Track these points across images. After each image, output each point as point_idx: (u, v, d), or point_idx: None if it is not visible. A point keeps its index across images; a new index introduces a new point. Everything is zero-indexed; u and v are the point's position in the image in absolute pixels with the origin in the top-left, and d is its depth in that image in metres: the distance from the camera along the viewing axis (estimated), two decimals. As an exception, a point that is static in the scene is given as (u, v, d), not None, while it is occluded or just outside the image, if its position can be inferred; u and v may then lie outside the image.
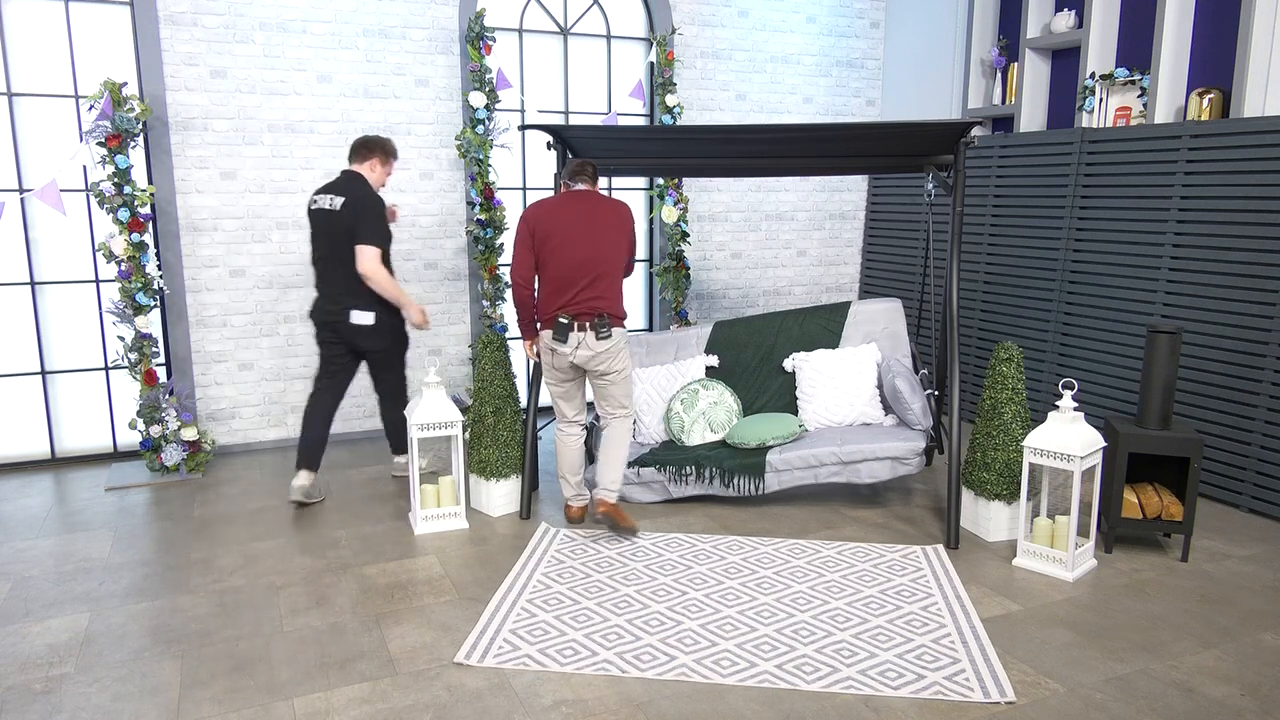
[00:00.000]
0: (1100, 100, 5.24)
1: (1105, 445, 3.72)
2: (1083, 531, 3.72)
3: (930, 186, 4.63)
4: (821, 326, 4.84)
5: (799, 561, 3.72)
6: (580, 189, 3.92)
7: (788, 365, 4.74)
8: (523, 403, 4.83)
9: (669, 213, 5.92)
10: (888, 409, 4.58)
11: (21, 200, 4.80)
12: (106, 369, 5.13)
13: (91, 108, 4.48)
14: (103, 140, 4.51)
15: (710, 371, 4.88)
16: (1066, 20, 5.41)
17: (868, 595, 3.41)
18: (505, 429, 4.22)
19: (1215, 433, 4.43)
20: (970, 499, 4.05)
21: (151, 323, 4.81)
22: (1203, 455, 4.38)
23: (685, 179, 6.18)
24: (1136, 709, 2.69)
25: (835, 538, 4.00)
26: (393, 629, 3.19)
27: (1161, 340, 3.72)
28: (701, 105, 6.28)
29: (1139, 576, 3.60)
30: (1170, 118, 4.89)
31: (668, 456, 4.35)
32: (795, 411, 4.65)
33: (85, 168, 4.90)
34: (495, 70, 5.40)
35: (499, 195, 5.52)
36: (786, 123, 4.68)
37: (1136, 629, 3.18)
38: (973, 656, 2.96)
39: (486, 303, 5.55)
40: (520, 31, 5.77)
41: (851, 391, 4.52)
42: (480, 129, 5.34)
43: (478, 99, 5.31)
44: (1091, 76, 5.23)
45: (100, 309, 5.07)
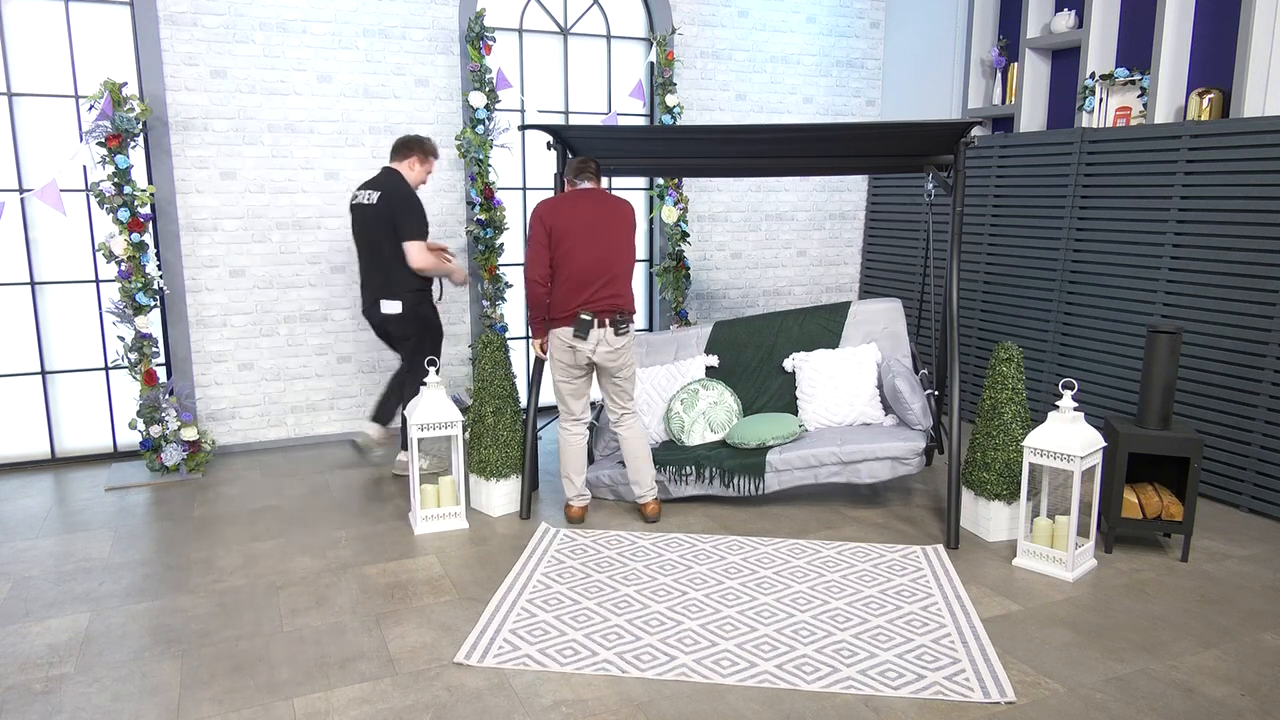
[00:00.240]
0: (1100, 100, 5.24)
1: (1105, 445, 3.72)
2: (1083, 531, 3.72)
3: (930, 186, 4.63)
4: (821, 326, 4.84)
5: (799, 561, 3.72)
6: (586, 187, 3.95)
7: (788, 365, 4.74)
8: (523, 403, 4.83)
9: (669, 213, 5.92)
10: (888, 409, 4.58)
11: (21, 200, 4.80)
12: (106, 369, 5.13)
13: (91, 108, 4.48)
14: (103, 140, 4.51)
15: (710, 371, 4.88)
16: (1066, 20, 5.41)
17: (868, 595, 3.41)
18: (505, 429, 4.22)
19: (1215, 433, 4.43)
20: (970, 499, 4.05)
21: (151, 323, 4.81)
22: (1203, 455, 4.38)
23: (685, 179, 6.18)
24: (1136, 709, 2.69)
25: (835, 538, 4.00)
26: (393, 629, 3.19)
27: (1161, 340, 3.72)
28: (701, 105, 6.28)
29: (1139, 576, 3.60)
30: (1170, 118, 4.89)
31: (668, 456, 4.35)
32: (795, 411, 4.65)
33: (85, 168, 4.90)
34: (495, 70, 5.40)
35: (499, 195, 5.52)
36: (786, 123, 4.68)
37: (1136, 629, 3.18)
38: (973, 656, 2.97)
39: (486, 303, 5.55)
40: (520, 31, 5.77)
41: (851, 391, 4.52)
42: (480, 129, 5.34)
43: (478, 99, 5.31)
44: (1091, 76, 5.23)
45: (100, 309, 5.07)
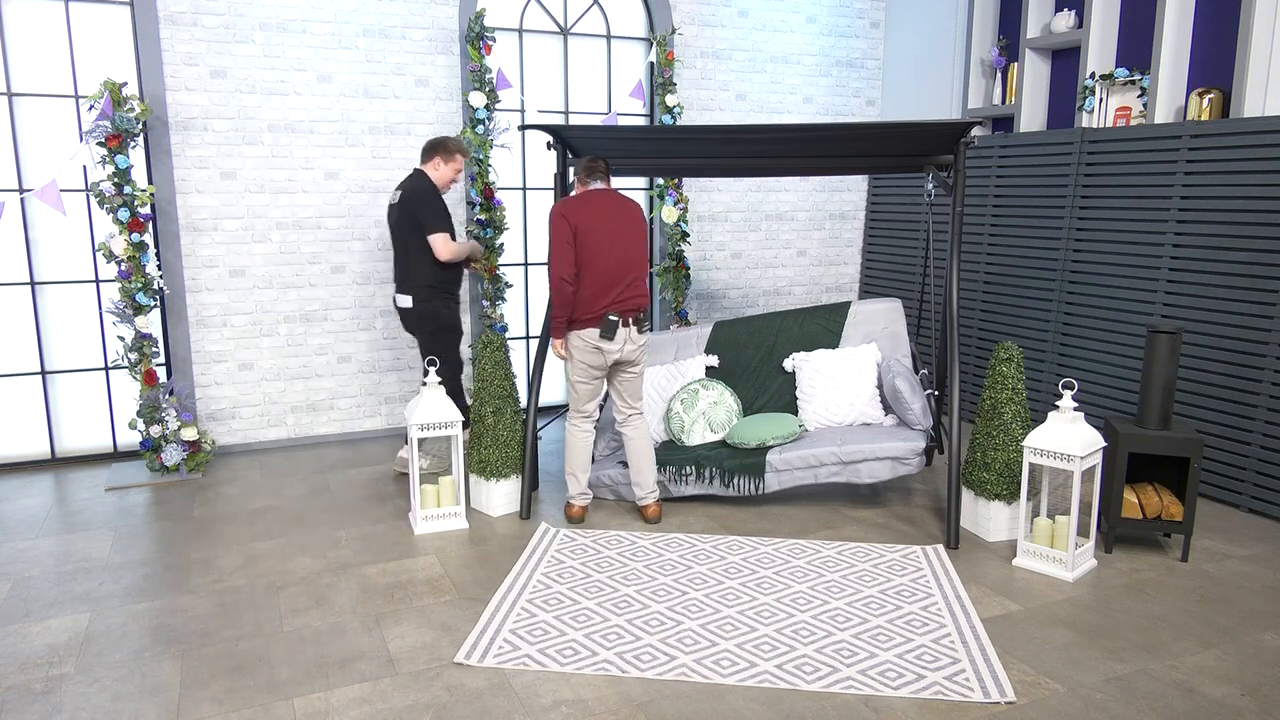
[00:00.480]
0: (1100, 100, 5.24)
1: (1105, 445, 3.72)
2: (1083, 531, 3.72)
3: (930, 186, 4.63)
4: (821, 326, 4.84)
5: (799, 561, 3.72)
6: (600, 187, 3.97)
7: (788, 365, 4.74)
8: (523, 403, 4.83)
9: (669, 213, 5.92)
10: (888, 409, 4.58)
11: (21, 200, 4.80)
12: (106, 369, 5.13)
13: (91, 108, 4.48)
14: (103, 140, 4.51)
15: (710, 371, 4.88)
16: (1066, 20, 5.41)
17: (868, 595, 3.41)
18: (505, 429, 4.22)
19: (1215, 433, 4.43)
20: (970, 499, 4.05)
21: (151, 323, 4.81)
22: (1203, 455, 4.38)
23: (685, 179, 6.18)
24: (1136, 709, 2.69)
25: (835, 538, 4.00)
26: (393, 629, 3.19)
27: (1161, 340, 3.72)
28: (701, 105, 6.27)
29: (1139, 576, 3.60)
30: (1170, 118, 4.89)
31: (668, 456, 4.35)
32: (795, 411, 4.65)
33: (85, 168, 4.90)
34: (495, 70, 5.40)
35: (499, 195, 5.52)
36: (786, 123, 4.68)
37: (1136, 629, 3.18)
38: (973, 656, 2.96)
39: (486, 303, 5.55)
40: (520, 31, 5.77)
41: (851, 391, 4.52)
42: (480, 129, 5.34)
43: (478, 99, 5.31)
44: (1091, 76, 5.23)
45: (100, 309, 5.07)
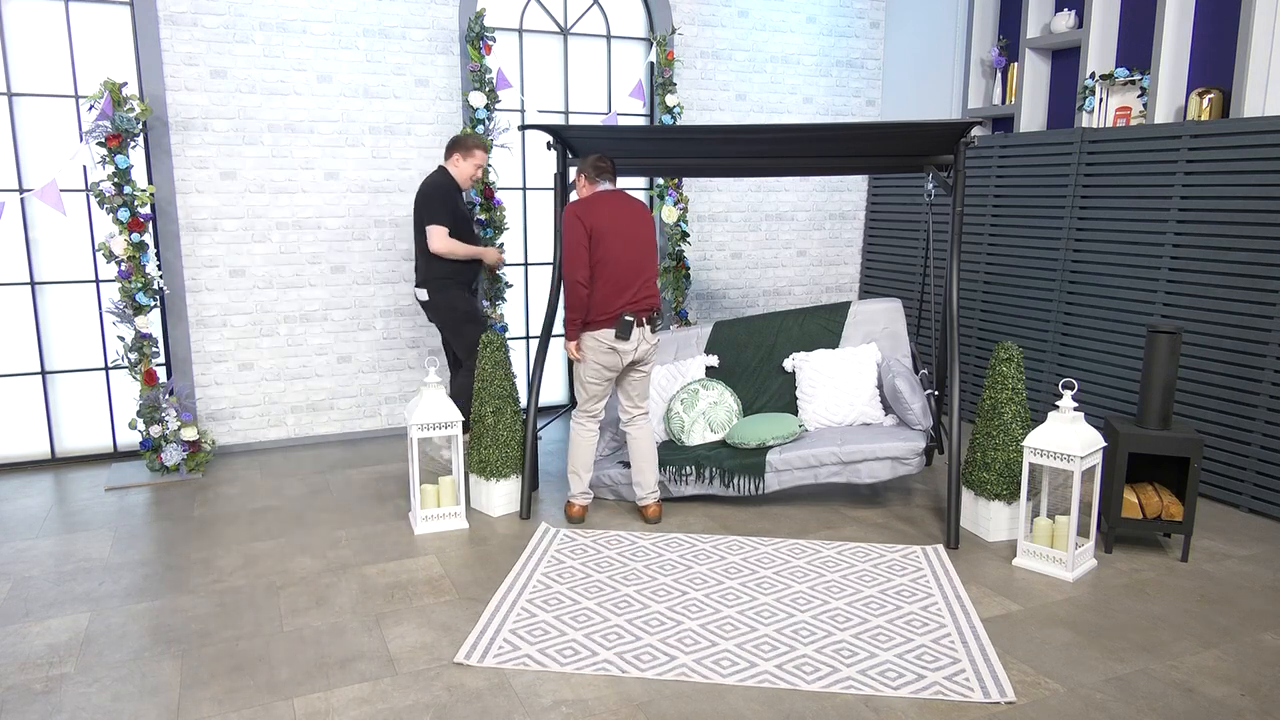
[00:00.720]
0: (1100, 100, 5.24)
1: (1105, 445, 3.72)
2: (1083, 531, 3.72)
3: (930, 186, 4.63)
4: (821, 326, 4.84)
5: (799, 561, 3.72)
6: (609, 188, 3.98)
7: (788, 365, 4.74)
8: (523, 403, 4.83)
9: (669, 213, 5.92)
10: (888, 409, 4.58)
11: (21, 200, 4.80)
12: (106, 369, 5.13)
13: (91, 108, 4.48)
14: (103, 140, 4.51)
15: (710, 371, 4.88)
16: (1066, 20, 5.41)
17: (868, 595, 3.41)
18: (505, 429, 4.22)
19: (1215, 433, 4.43)
20: (970, 499, 4.05)
21: (151, 323, 4.80)
22: (1203, 455, 4.38)
23: (685, 179, 6.17)
24: (1136, 709, 2.69)
25: (835, 538, 4.00)
26: (393, 629, 3.19)
27: (1161, 340, 3.72)
28: (701, 105, 6.27)
29: (1139, 576, 3.60)
30: (1170, 118, 4.89)
31: (668, 456, 4.35)
32: (795, 411, 4.65)
33: (85, 168, 4.90)
34: (495, 70, 5.40)
35: (499, 195, 5.51)
36: (786, 123, 4.68)
37: (1136, 629, 3.18)
38: (973, 656, 2.96)
39: (486, 303, 5.55)
40: (520, 31, 5.77)
41: (851, 391, 4.52)
42: (480, 129, 5.34)
43: (478, 99, 5.31)
44: (1091, 76, 5.23)
45: (100, 309, 5.07)
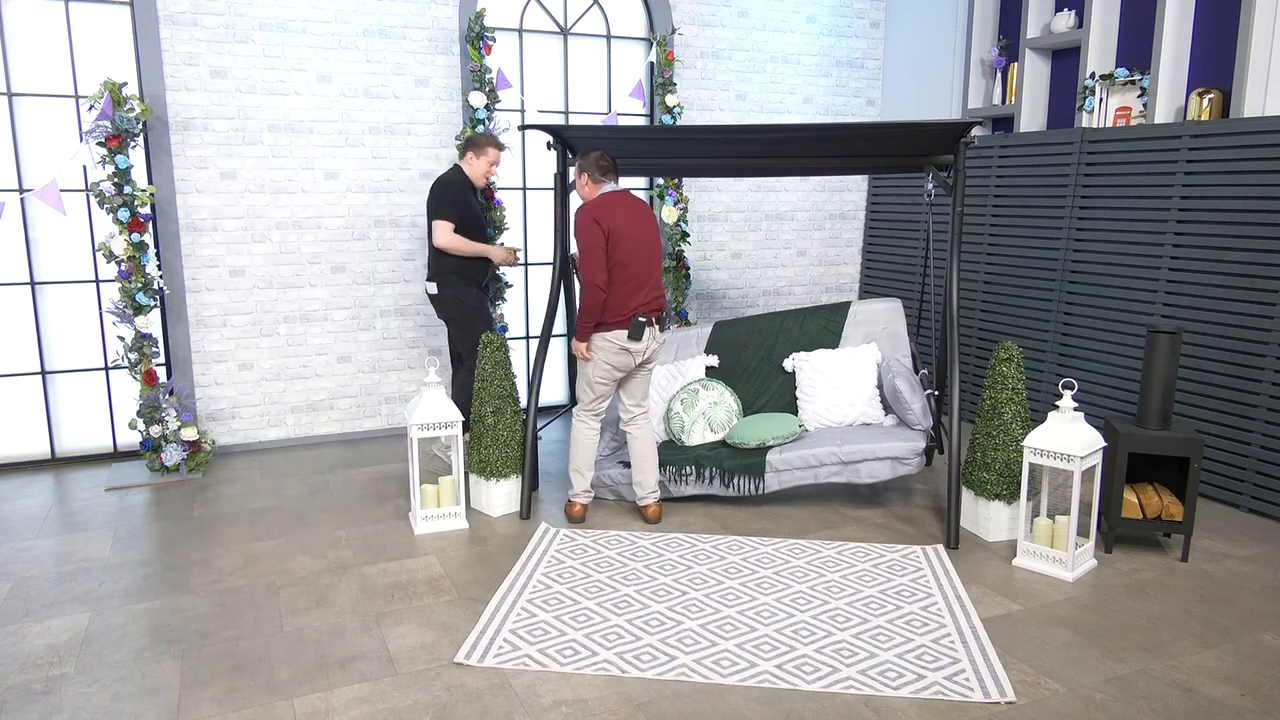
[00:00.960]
0: (1100, 100, 5.24)
1: (1105, 445, 3.72)
2: (1083, 531, 3.72)
3: (930, 186, 4.63)
4: (821, 326, 4.84)
5: (799, 561, 3.72)
6: (615, 189, 3.98)
7: (788, 365, 4.74)
8: (523, 403, 4.83)
9: (669, 213, 5.92)
10: (888, 409, 4.58)
11: (21, 200, 4.80)
12: (106, 369, 5.13)
13: (91, 108, 4.48)
14: (103, 140, 4.51)
15: (710, 371, 4.88)
16: (1066, 20, 5.41)
17: (868, 595, 3.41)
18: (505, 429, 4.22)
19: (1215, 433, 4.43)
20: (970, 499, 4.05)
21: (151, 323, 4.80)
22: (1203, 455, 4.37)
23: (685, 179, 6.17)
24: (1136, 709, 2.69)
25: (835, 538, 4.00)
26: (393, 629, 3.19)
27: (1161, 340, 3.72)
28: (701, 105, 6.27)
29: (1139, 576, 3.60)
30: (1170, 118, 4.89)
31: (668, 456, 4.35)
32: (795, 411, 4.65)
33: (85, 168, 4.90)
34: (495, 70, 5.40)
35: (499, 195, 5.51)
36: (786, 123, 4.68)
37: (1136, 629, 3.18)
38: (973, 656, 2.96)
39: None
40: (520, 31, 5.77)
41: (851, 391, 4.52)
42: (480, 129, 5.34)
43: (478, 99, 5.31)
44: (1091, 76, 5.23)
45: (100, 309, 5.07)
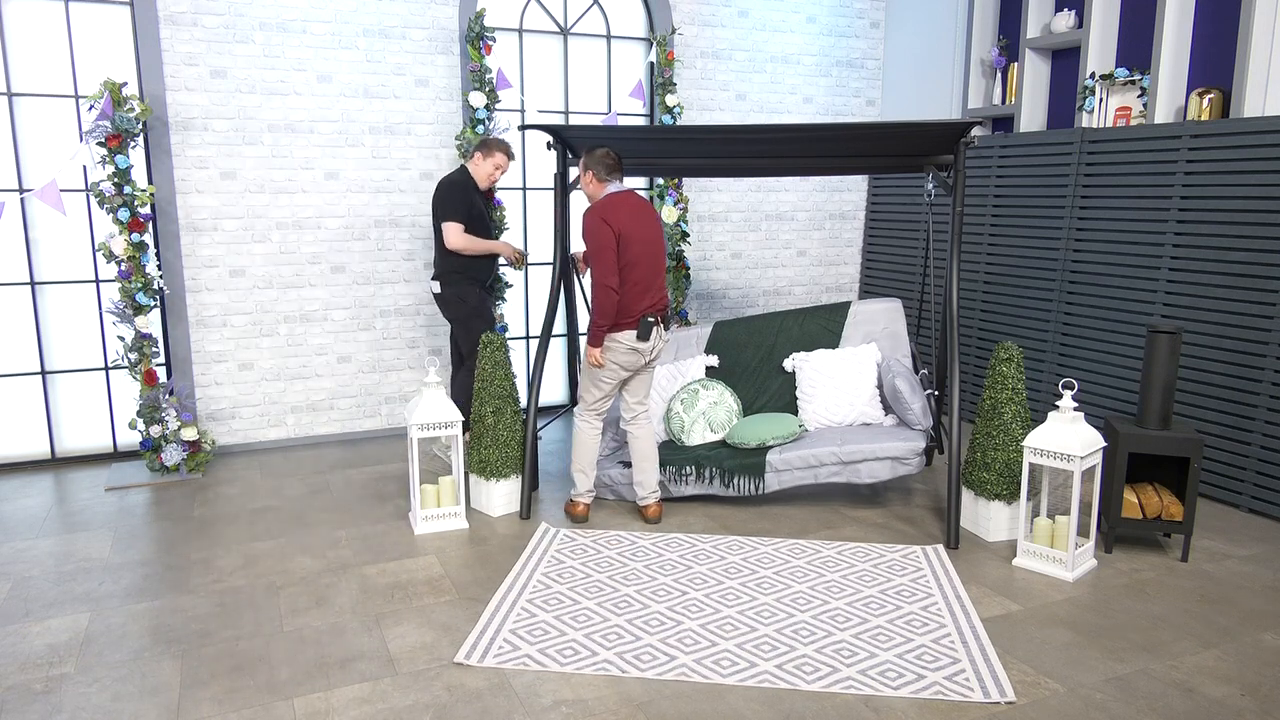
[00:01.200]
0: (1100, 100, 5.24)
1: (1105, 445, 3.72)
2: (1083, 531, 3.72)
3: (930, 186, 4.63)
4: (821, 326, 4.84)
5: (799, 561, 3.72)
6: (620, 188, 3.98)
7: (788, 365, 4.74)
8: (523, 403, 4.83)
9: (669, 213, 5.92)
10: (888, 409, 4.58)
11: (21, 200, 4.80)
12: (106, 369, 5.13)
13: (91, 108, 4.48)
14: (103, 140, 4.51)
15: (710, 371, 4.88)
16: (1066, 20, 5.41)
17: (868, 595, 3.41)
18: (505, 429, 4.22)
19: (1215, 433, 4.43)
20: (970, 499, 4.05)
21: (151, 323, 4.80)
22: (1203, 455, 4.38)
23: (685, 179, 6.17)
24: (1136, 709, 2.69)
25: (835, 538, 4.00)
26: (393, 629, 3.19)
27: (1161, 340, 3.72)
28: (701, 105, 6.27)
29: (1139, 576, 3.60)
30: (1170, 118, 4.89)
31: (668, 456, 4.35)
32: (795, 411, 4.65)
33: (85, 168, 4.90)
34: (495, 70, 5.40)
35: (499, 195, 5.51)
36: (786, 123, 4.68)
37: (1136, 629, 3.18)
38: (973, 656, 2.96)
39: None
40: (520, 31, 5.77)
41: (851, 391, 4.52)
42: (480, 129, 5.34)
43: (478, 99, 5.31)
44: (1091, 76, 5.23)
45: (100, 309, 5.07)
